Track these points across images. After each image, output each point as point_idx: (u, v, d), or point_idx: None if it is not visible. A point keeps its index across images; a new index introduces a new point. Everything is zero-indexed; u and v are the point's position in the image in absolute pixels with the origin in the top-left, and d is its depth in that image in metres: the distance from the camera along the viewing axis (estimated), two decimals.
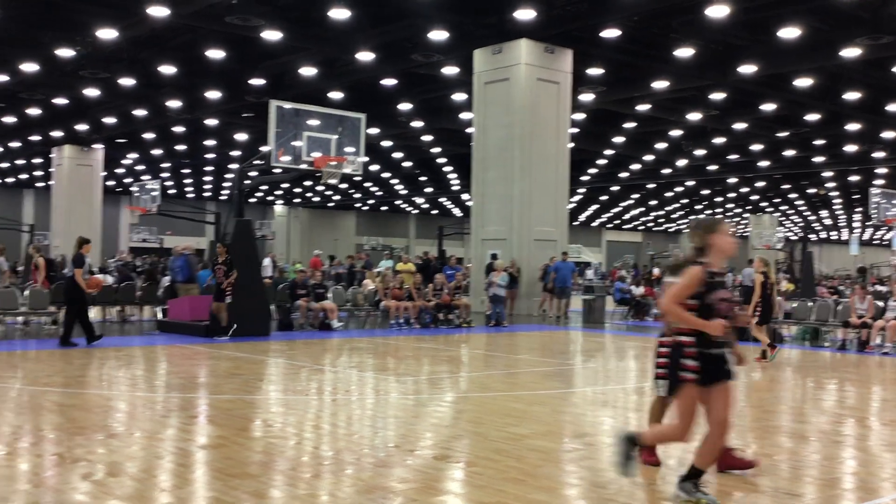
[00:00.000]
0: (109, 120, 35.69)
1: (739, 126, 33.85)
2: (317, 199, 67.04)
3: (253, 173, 18.58)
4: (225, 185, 58.67)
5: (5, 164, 49.93)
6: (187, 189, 63.50)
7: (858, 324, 16.09)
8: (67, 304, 14.18)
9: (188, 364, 12.37)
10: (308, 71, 26.33)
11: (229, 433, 7.19)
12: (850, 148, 38.57)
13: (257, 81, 27.82)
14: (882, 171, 45.71)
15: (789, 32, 21.32)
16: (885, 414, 9.47)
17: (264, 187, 60.13)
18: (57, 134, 38.77)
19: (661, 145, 39.43)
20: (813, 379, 12.36)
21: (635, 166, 46.46)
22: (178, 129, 37.58)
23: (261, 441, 7.04)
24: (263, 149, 17.96)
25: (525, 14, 21.37)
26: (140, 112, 33.54)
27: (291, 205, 70.01)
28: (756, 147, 39.55)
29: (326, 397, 9.71)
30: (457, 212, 72.07)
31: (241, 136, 38.83)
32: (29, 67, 25.61)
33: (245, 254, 16.63)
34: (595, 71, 25.88)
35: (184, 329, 16.60)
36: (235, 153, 43.13)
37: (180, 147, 42.82)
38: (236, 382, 10.34)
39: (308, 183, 55.23)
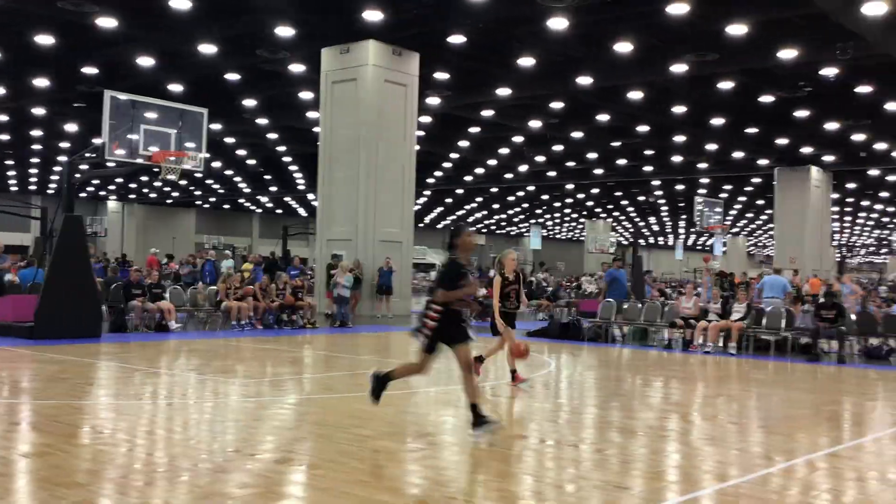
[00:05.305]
0: None
1: (576, 135, 35.20)
2: (154, 195, 64.39)
3: (84, 166, 17.64)
4: (53, 178, 55.39)
5: None
6: (10, 182, 59.55)
7: (682, 325, 17.18)
8: None
9: (9, 367, 11.59)
10: (146, 61, 25.23)
11: (55, 440, 6.80)
12: (677, 158, 41.01)
13: (90, 70, 26.42)
14: (705, 180, 48.85)
15: (623, 47, 22.30)
16: (706, 409, 10.10)
17: (97, 181, 57.34)
18: None
19: (504, 150, 40.45)
20: (641, 376, 13.04)
21: (479, 170, 47.43)
22: (1, 117, 35.15)
23: (89, 448, 6.71)
24: (96, 141, 17.11)
25: (372, 15, 21.36)
26: None
27: (126, 201, 66.91)
28: (591, 155, 41.27)
29: (161, 401, 9.36)
30: (302, 212, 71.15)
31: (71, 127, 36.71)
32: None
33: (74, 251, 15.76)
34: (442, 75, 26.23)
35: (5, 330, 15.55)
36: (65, 145, 40.78)
37: (3, 137, 40.07)
38: (63, 387, 9.78)
39: (145, 178, 53.01)
